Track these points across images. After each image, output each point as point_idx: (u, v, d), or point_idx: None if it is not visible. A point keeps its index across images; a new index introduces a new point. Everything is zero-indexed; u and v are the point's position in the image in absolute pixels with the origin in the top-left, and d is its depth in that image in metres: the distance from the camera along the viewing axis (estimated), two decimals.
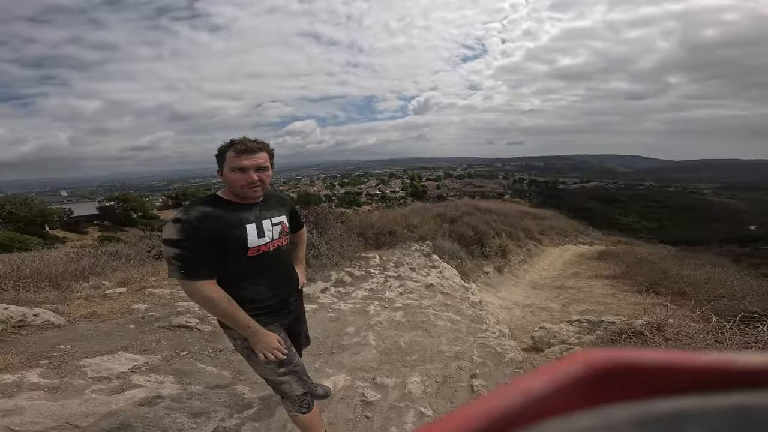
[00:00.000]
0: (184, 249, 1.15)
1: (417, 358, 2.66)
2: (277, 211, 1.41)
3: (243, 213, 1.28)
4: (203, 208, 1.21)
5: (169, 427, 1.66)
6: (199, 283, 1.17)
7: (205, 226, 1.18)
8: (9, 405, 1.55)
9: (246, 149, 1.23)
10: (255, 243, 1.28)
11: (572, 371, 0.15)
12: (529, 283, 7.31)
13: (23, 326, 2.32)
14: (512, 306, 5.43)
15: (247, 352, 1.36)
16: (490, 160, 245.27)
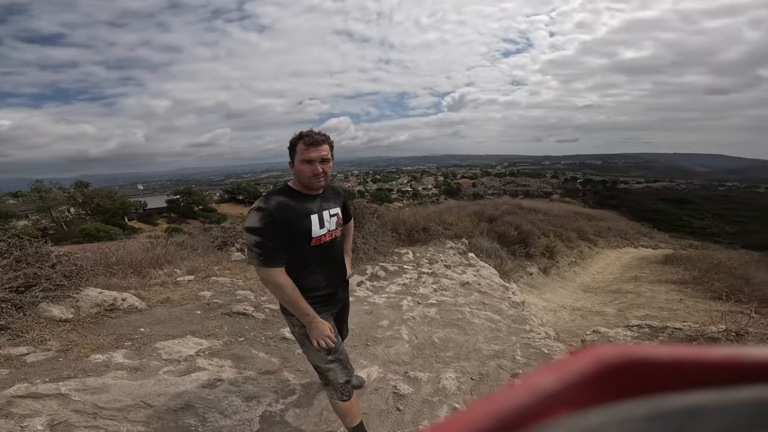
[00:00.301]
0: (264, 236, 1.21)
1: (452, 355, 2.53)
2: (333, 202, 1.45)
3: (308, 204, 1.33)
4: (279, 197, 1.27)
5: (226, 409, 1.73)
6: (274, 270, 1.23)
7: (281, 214, 1.23)
8: (98, 383, 1.69)
9: (313, 142, 1.27)
10: (317, 233, 1.32)
11: (582, 368, 0.14)
12: (579, 286, 6.91)
13: (113, 309, 2.52)
14: (558, 309, 5.10)
15: (302, 339, 1.40)
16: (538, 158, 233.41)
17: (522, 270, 6.52)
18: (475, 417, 0.13)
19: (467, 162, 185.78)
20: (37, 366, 1.75)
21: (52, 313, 2.11)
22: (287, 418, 1.80)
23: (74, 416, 1.49)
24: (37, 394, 1.54)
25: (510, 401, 0.13)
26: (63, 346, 1.91)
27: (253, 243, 1.22)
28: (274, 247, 1.23)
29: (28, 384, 1.59)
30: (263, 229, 1.21)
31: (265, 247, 1.22)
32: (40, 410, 1.48)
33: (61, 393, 1.57)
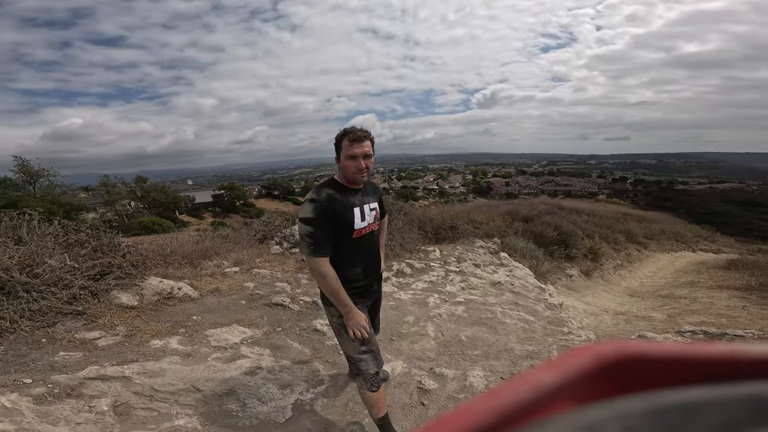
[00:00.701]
0: (315, 227, 1.32)
1: (480, 354, 2.54)
2: (372, 197, 1.54)
3: (352, 197, 1.42)
4: (329, 190, 1.38)
5: (264, 396, 1.88)
6: (321, 259, 1.33)
7: (330, 206, 1.34)
8: (156, 367, 1.90)
9: (356, 138, 1.38)
10: (359, 225, 1.41)
11: (582, 364, 0.14)
12: (625, 289, 6.59)
13: (170, 298, 2.76)
14: (600, 312, 4.90)
15: (339, 329, 1.51)
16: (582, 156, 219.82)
17: (560, 272, 6.32)
18: (478, 411, 0.13)
19: (499, 160, 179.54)
20: (107, 350, 2.00)
21: (121, 300, 2.41)
22: (316, 407, 1.91)
23: (134, 398, 1.69)
24: (105, 376, 1.76)
25: (511, 396, 0.13)
26: (128, 331, 2.18)
27: (306, 233, 1.33)
28: (323, 238, 1.33)
29: (99, 366, 1.82)
30: (315, 220, 1.32)
31: (316, 238, 1.32)
32: (106, 391, 1.69)
33: (125, 376, 1.79)
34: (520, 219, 8.30)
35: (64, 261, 2.25)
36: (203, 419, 1.70)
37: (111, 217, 29.22)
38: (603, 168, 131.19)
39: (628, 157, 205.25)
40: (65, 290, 2.21)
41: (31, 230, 2.51)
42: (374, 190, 1.60)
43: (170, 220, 26.08)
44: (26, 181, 23.25)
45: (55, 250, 2.40)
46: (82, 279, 2.32)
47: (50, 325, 2.05)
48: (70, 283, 2.24)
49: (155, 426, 1.61)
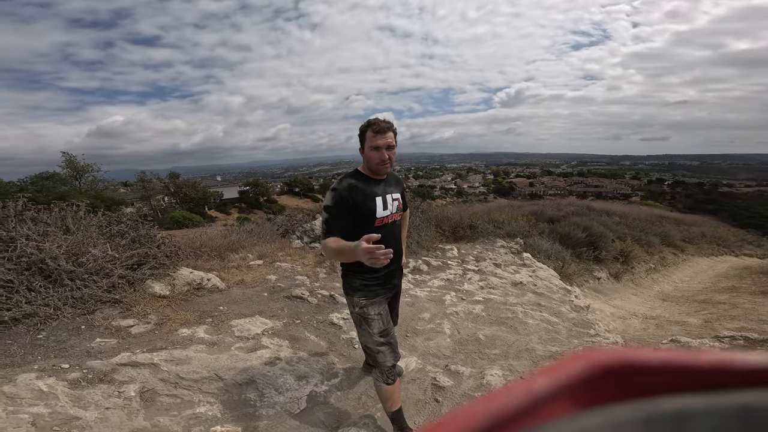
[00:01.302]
0: (331, 214, 1.41)
1: (499, 353, 2.51)
2: (395, 188, 1.61)
3: (375, 187, 1.50)
4: (350, 180, 1.46)
5: (281, 386, 1.94)
6: (328, 239, 1.40)
7: (350, 195, 1.41)
8: (182, 355, 2.01)
9: (380, 129, 1.44)
10: (381, 214, 1.48)
11: (576, 371, 0.15)
12: (657, 294, 6.39)
13: (199, 288, 2.90)
14: (628, 316, 4.73)
15: (360, 320, 1.58)
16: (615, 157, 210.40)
17: (588, 274, 6.15)
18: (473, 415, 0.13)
19: (524, 160, 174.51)
20: (139, 337, 2.14)
21: (154, 289, 2.57)
22: (330, 399, 1.96)
23: (160, 385, 1.79)
24: (136, 362, 1.88)
25: (508, 401, 0.13)
26: (159, 319, 2.32)
27: (324, 219, 1.43)
28: (335, 224, 1.40)
29: (130, 353, 1.95)
30: (332, 208, 1.41)
31: (330, 224, 1.40)
32: (135, 377, 1.80)
33: (153, 363, 1.90)
34: (545, 220, 8.16)
35: (106, 251, 2.42)
36: (223, 407, 1.76)
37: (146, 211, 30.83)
38: (638, 169, 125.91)
39: (666, 158, 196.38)
40: (105, 279, 2.38)
41: (77, 220, 2.72)
42: (397, 181, 1.65)
43: (200, 215, 27.17)
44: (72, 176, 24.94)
45: (98, 240, 2.58)
46: (121, 268, 2.48)
47: (90, 312, 2.22)
48: (110, 272, 2.41)
49: (177, 413, 1.68)
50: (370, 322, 1.55)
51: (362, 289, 1.55)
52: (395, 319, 1.86)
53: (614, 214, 11.10)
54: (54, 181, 22.81)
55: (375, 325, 1.55)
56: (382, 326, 1.56)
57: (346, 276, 1.59)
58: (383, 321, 1.57)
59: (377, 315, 1.55)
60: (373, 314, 1.55)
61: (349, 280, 1.57)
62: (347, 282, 1.58)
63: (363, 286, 1.55)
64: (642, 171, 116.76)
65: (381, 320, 1.56)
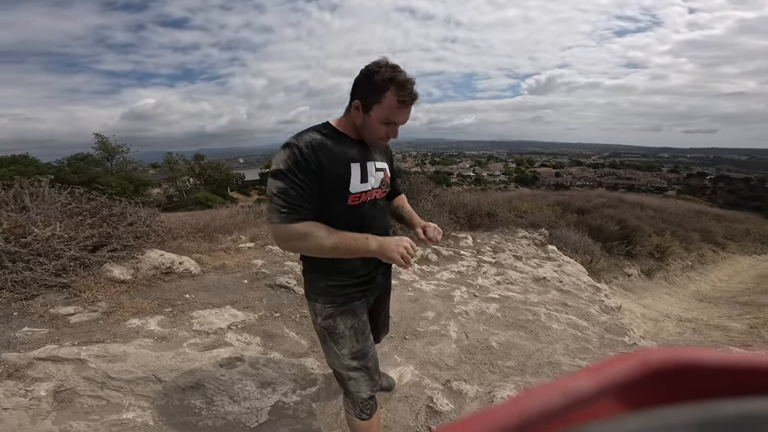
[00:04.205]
0: (290, 183, 0.93)
1: (514, 366, 2.04)
2: (381, 155, 1.15)
3: (350, 148, 1.03)
4: (315, 134, 1.00)
5: (237, 394, 1.61)
6: (298, 224, 0.95)
7: (314, 155, 0.95)
8: (119, 350, 1.70)
9: (408, 98, 0.96)
10: (357, 188, 1.03)
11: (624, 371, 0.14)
12: (692, 293, 6.04)
13: (168, 273, 2.60)
14: (661, 318, 4.41)
15: (324, 334, 1.14)
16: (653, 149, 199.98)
17: (618, 270, 5.71)
18: (503, 414, 0.12)
19: (551, 150, 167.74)
20: (77, 327, 1.83)
21: (113, 273, 2.26)
22: (300, 412, 1.60)
23: (82, 384, 1.49)
24: (58, 357, 1.57)
25: (540, 401, 0.13)
26: (110, 307, 2.01)
27: (275, 191, 0.93)
28: (299, 197, 0.93)
29: (57, 345, 1.64)
30: (290, 172, 0.93)
31: (290, 197, 0.93)
32: (53, 374, 1.50)
33: (80, 358, 1.59)
34: (573, 210, 7.77)
35: (55, 230, 2.10)
36: (158, 414, 1.46)
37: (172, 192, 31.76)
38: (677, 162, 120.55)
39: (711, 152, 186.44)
40: (54, 261, 2.07)
41: (38, 197, 2.43)
42: (384, 148, 1.20)
43: (221, 196, 27.76)
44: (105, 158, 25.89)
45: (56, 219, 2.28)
46: (75, 249, 2.17)
47: (29, 297, 1.92)
48: (61, 254, 2.09)
49: (99, 417, 1.39)
50: (338, 339, 1.12)
51: (329, 292, 1.10)
52: (382, 329, 1.42)
53: (648, 207, 10.64)
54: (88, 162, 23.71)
55: (345, 343, 1.12)
56: (355, 345, 1.13)
57: (307, 272, 1.14)
58: (358, 338, 1.13)
59: (349, 330, 1.12)
60: (342, 328, 1.11)
61: (312, 278, 1.13)
62: (309, 281, 1.15)
63: (330, 287, 1.10)
64: (682, 164, 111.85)
65: (354, 337, 1.13)
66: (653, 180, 79.09)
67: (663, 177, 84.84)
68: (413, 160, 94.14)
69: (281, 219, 0.93)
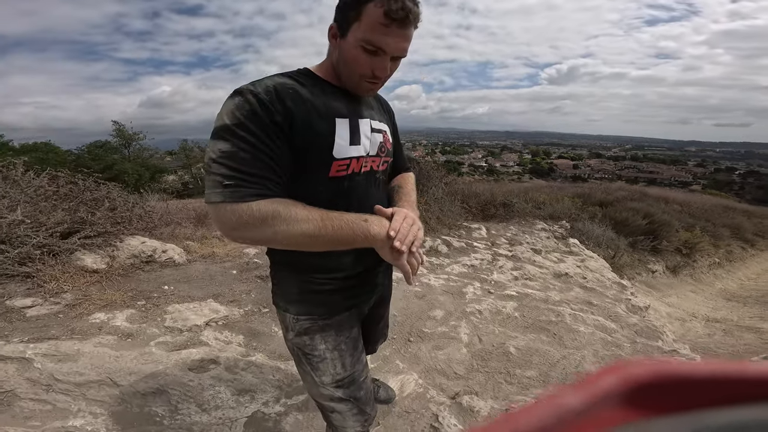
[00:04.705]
0: (237, 140, 0.62)
1: (536, 376, 1.75)
2: (379, 114, 0.85)
3: (335, 100, 0.73)
4: (282, 78, 0.69)
5: (207, 402, 1.39)
6: (253, 204, 0.62)
7: (280, 100, 0.65)
8: (72, 349, 1.49)
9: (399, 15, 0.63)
10: (343, 152, 0.72)
11: (611, 384, 0.14)
12: (719, 291, 5.77)
13: (149, 262, 2.40)
14: (688, 318, 4.25)
15: (299, 354, 0.85)
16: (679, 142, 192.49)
17: (641, 266, 5.42)
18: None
19: (569, 141, 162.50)
20: (32, 321, 1.63)
21: (85, 262, 2.05)
22: (283, 424, 1.36)
23: (24, 386, 1.28)
24: (1, 355, 1.38)
25: (531, 418, 0.12)
26: (75, 299, 1.80)
27: (215, 156, 0.63)
28: (255, 163, 0.63)
29: (2, 342, 1.45)
30: (239, 127, 0.62)
31: (238, 163, 0.62)
32: None
33: (25, 357, 1.38)
34: (594, 203, 7.41)
35: (16, 216, 1.89)
36: (113, 421, 1.25)
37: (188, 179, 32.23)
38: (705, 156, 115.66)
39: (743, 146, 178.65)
40: (18, 249, 1.86)
41: (8, 181, 2.23)
42: (384, 106, 0.90)
43: None
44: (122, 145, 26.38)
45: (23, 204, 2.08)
46: (43, 236, 1.96)
47: None
48: (26, 241, 1.89)
49: (40, 423, 1.20)
50: (317, 364, 0.84)
51: (305, 300, 0.82)
52: (379, 338, 1.14)
53: (674, 201, 10.13)
54: (106, 149, 24.12)
55: (326, 368, 0.84)
56: (340, 372, 0.85)
57: (275, 270, 0.86)
58: (344, 361, 0.85)
59: (332, 351, 0.84)
60: (322, 349, 0.83)
61: (281, 279, 0.84)
62: (277, 283, 0.86)
63: (307, 293, 0.81)
64: (710, 159, 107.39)
65: (339, 360, 0.84)
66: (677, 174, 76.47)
67: (688, 171, 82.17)
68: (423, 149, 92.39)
69: (224, 196, 0.61)
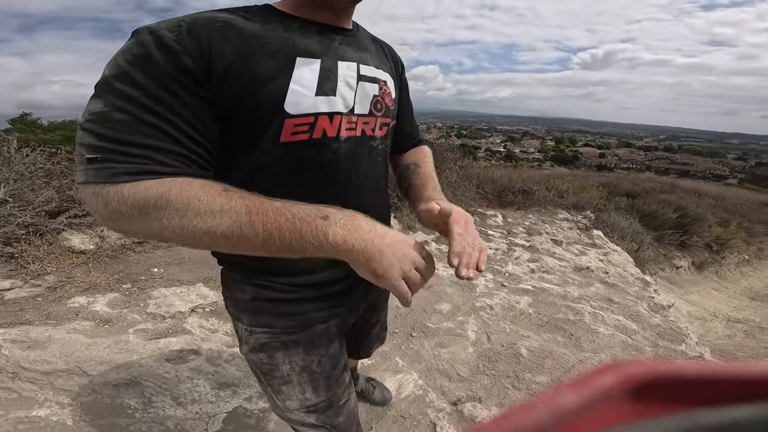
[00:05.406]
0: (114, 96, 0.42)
1: (547, 382, 1.58)
2: (377, 59, 0.62)
3: (303, 37, 0.52)
4: (211, 13, 0.49)
5: (183, 396, 1.29)
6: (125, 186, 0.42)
7: (193, 37, 0.45)
8: (45, 335, 1.41)
9: None
10: (303, 105, 0.50)
11: (604, 384, 0.14)
12: (744, 290, 5.49)
13: (141, 243, 2.29)
14: (709, 317, 4.11)
15: (257, 372, 0.67)
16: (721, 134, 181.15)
17: (666, 261, 5.20)
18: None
19: (597, 129, 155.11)
20: (9, 305, 1.56)
21: (72, 242, 1.98)
22: (265, 422, 1.25)
23: None
24: None
25: (527, 419, 0.12)
26: (57, 282, 1.73)
27: (83, 121, 0.43)
28: (136, 128, 0.42)
29: None
30: (121, 80, 0.42)
31: (110, 128, 0.42)
32: None
33: None
34: (621, 193, 7.03)
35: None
36: (81, 412, 1.17)
37: None
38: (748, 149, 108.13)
39: None
40: (4, 228, 1.79)
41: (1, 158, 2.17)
42: (386, 51, 0.68)
43: None
44: None
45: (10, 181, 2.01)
46: (30, 215, 1.89)
47: None
48: (10, 220, 1.82)
49: (4, 412, 1.15)
50: (279, 387, 0.67)
51: (261, 309, 0.62)
52: (375, 342, 0.95)
53: (707, 195, 9.53)
54: None
55: (291, 393, 0.67)
56: (311, 397, 0.67)
57: (224, 272, 0.65)
58: (316, 385, 0.67)
59: (299, 374, 0.65)
60: (285, 371, 0.65)
61: (231, 283, 0.64)
62: (226, 285, 0.66)
63: (264, 302, 0.62)
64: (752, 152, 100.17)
65: (310, 384, 0.67)
66: (713, 167, 72.04)
67: (726, 164, 76.49)
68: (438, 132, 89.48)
69: (88, 175, 0.42)
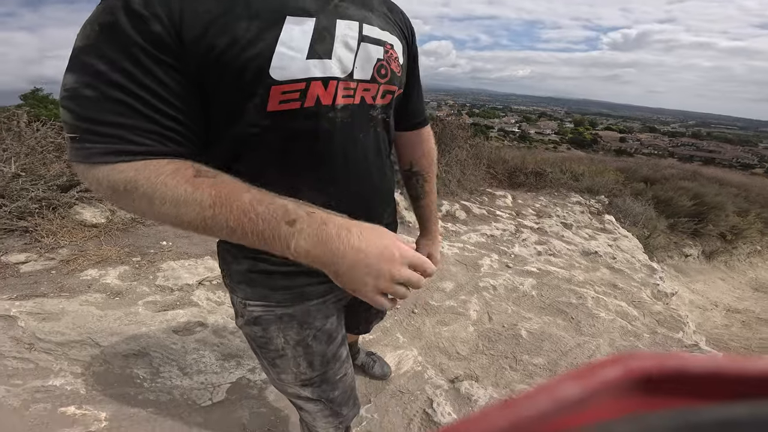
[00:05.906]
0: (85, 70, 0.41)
1: (544, 364, 1.59)
2: (382, 19, 0.58)
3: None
4: None
5: (190, 366, 1.34)
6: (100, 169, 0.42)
7: (161, 4, 0.41)
8: (57, 307, 1.46)
9: None
10: (293, 69, 0.46)
11: (609, 376, 0.14)
12: (749, 281, 5.48)
13: None
14: (709, 306, 4.10)
15: (253, 346, 0.68)
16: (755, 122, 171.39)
17: (675, 249, 5.18)
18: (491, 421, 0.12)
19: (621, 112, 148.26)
20: (25, 278, 1.62)
21: (83, 216, 2.03)
22: (268, 392, 1.30)
23: (8, 344, 1.27)
24: None
25: (529, 407, 0.13)
26: (70, 255, 1.78)
27: (60, 97, 0.42)
28: (104, 105, 0.40)
29: None
30: (89, 53, 0.41)
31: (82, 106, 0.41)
32: None
33: (10, 315, 1.37)
34: (638, 179, 6.80)
35: (10, 170, 1.86)
36: (93, 381, 1.23)
37: None
38: None
39: None
40: (18, 202, 1.84)
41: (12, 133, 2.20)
42: (393, 11, 0.62)
43: None
44: None
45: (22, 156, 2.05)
46: (42, 189, 1.93)
47: None
48: (23, 194, 1.87)
49: (21, 381, 1.19)
50: (274, 360, 0.66)
51: (255, 281, 0.61)
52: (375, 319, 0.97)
53: (729, 184, 9.19)
54: None
55: (286, 366, 0.67)
56: (306, 371, 0.67)
57: (219, 243, 0.64)
58: (311, 360, 0.67)
59: (294, 348, 0.65)
60: (279, 344, 0.64)
61: (227, 255, 0.63)
62: (224, 260, 0.65)
63: (259, 274, 0.61)
64: None
65: (304, 358, 0.66)
66: (741, 155, 69.13)
67: (756, 153, 73.27)
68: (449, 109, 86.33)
69: (71, 155, 0.44)
